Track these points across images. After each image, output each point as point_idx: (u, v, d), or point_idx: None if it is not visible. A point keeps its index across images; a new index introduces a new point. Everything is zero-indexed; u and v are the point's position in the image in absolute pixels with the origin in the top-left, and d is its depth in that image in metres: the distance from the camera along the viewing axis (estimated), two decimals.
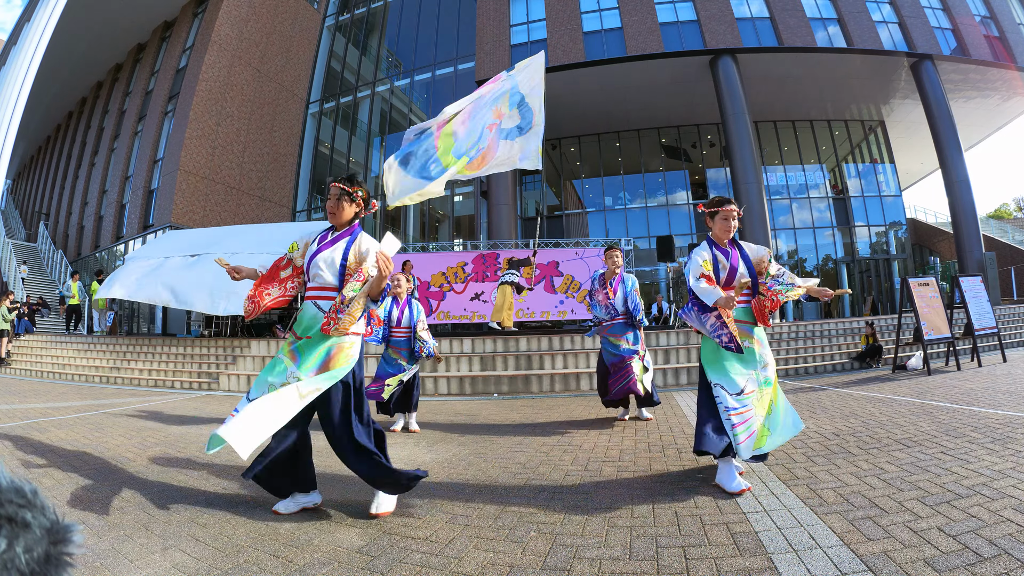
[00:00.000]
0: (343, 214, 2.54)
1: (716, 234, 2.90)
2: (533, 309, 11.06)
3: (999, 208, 47.40)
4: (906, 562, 1.73)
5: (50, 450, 3.80)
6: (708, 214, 2.94)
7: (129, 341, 10.88)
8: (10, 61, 20.32)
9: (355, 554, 2.02)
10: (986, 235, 18.62)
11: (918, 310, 7.43)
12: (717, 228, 2.88)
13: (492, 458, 3.50)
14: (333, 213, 2.53)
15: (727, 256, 2.86)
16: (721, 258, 2.85)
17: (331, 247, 2.50)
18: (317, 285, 2.51)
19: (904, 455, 3.04)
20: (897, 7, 16.34)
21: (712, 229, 2.93)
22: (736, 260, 2.86)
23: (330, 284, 2.49)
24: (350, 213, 2.56)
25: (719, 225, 2.87)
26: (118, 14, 20.33)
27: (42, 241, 23.33)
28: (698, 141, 19.19)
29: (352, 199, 2.55)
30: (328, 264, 2.47)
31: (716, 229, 2.89)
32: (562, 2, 16.53)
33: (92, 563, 1.93)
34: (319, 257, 2.48)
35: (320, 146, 21.13)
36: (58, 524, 0.57)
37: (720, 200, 2.90)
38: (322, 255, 2.48)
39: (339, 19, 22.42)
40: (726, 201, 2.88)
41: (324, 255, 2.48)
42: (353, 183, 2.55)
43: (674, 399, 5.80)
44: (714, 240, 2.91)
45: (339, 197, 2.52)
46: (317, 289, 2.51)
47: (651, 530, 2.15)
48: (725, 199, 2.90)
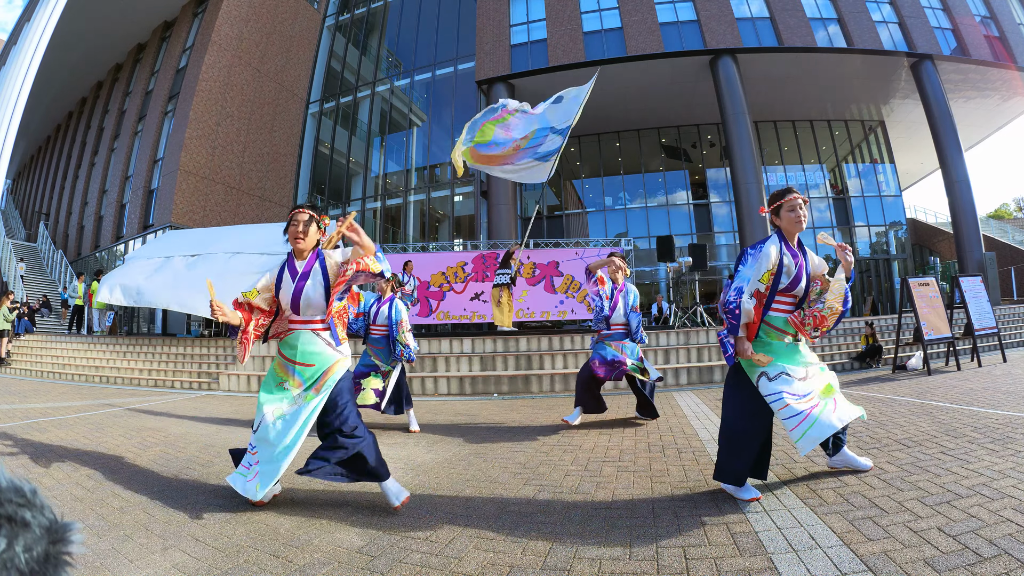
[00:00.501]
0: (310, 240, 2.57)
1: (787, 229, 2.61)
2: (533, 309, 11.06)
3: (999, 208, 47.42)
4: (906, 562, 1.73)
5: (50, 450, 3.80)
6: (772, 211, 2.67)
7: (129, 341, 10.88)
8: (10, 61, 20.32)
9: (355, 554, 2.02)
10: (986, 235, 18.62)
11: (918, 310, 7.43)
12: (786, 223, 2.60)
13: (492, 458, 3.50)
14: (301, 239, 2.53)
15: (795, 260, 2.58)
16: (789, 261, 2.56)
17: (308, 279, 2.52)
18: (307, 318, 2.57)
19: (904, 455, 3.04)
20: (897, 7, 16.34)
21: (779, 225, 2.64)
22: (802, 271, 2.58)
23: (320, 315, 2.58)
24: (315, 238, 2.59)
25: (787, 219, 2.59)
26: (118, 14, 20.33)
27: (42, 241, 23.34)
28: (698, 141, 19.19)
29: (319, 225, 2.60)
30: (316, 296, 2.53)
31: (784, 224, 2.61)
32: (562, 2, 16.53)
33: (92, 563, 1.93)
34: (304, 295, 2.52)
35: (320, 146, 21.13)
36: (58, 523, 0.57)
37: (781, 191, 2.64)
38: (305, 291, 2.52)
39: (339, 19, 22.42)
40: (788, 191, 2.62)
41: (308, 290, 2.52)
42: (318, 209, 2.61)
43: (674, 399, 5.80)
44: (784, 236, 2.63)
45: (308, 223, 2.54)
46: (306, 322, 2.58)
47: (651, 530, 2.15)
48: (787, 189, 2.63)
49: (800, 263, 2.58)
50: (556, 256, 11.23)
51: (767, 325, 2.59)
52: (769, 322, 2.58)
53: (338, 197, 20.29)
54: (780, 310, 2.60)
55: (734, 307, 2.46)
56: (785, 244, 2.60)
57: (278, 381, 2.58)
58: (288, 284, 2.53)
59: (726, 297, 2.51)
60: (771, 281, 2.55)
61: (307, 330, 2.56)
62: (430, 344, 8.24)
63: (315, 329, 2.57)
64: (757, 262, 2.52)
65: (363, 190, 19.81)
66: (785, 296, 2.60)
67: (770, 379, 2.47)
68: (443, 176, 18.81)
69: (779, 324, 2.59)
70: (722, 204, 18.37)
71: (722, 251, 18.20)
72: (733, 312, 2.47)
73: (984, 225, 19.63)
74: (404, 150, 19.71)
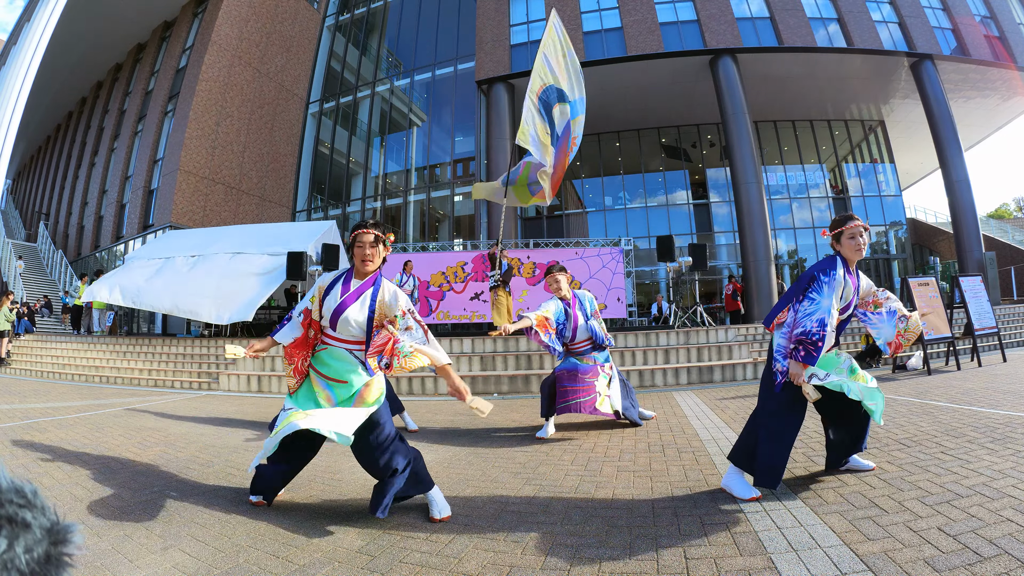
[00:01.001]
0: (376, 261, 2.39)
1: (847, 255, 2.63)
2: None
3: (999, 208, 47.44)
4: (906, 562, 1.73)
5: (50, 450, 3.80)
6: (833, 236, 2.68)
7: (129, 341, 10.88)
8: (10, 61, 20.32)
9: (355, 554, 2.02)
10: (986, 235, 18.62)
11: (918, 310, 7.43)
12: (846, 249, 2.62)
13: (492, 458, 3.50)
14: (369, 261, 2.37)
15: (855, 288, 2.63)
16: (850, 287, 2.60)
17: (357, 300, 2.36)
18: (344, 337, 2.42)
19: (904, 455, 3.04)
20: (897, 7, 16.35)
21: (840, 251, 2.65)
22: (853, 294, 2.64)
23: (359, 338, 2.41)
24: (381, 259, 2.42)
25: (847, 245, 2.61)
26: (118, 14, 20.34)
27: (42, 241, 23.36)
28: (698, 141, 19.19)
29: (385, 244, 2.42)
30: (356, 321, 2.36)
31: (845, 250, 2.62)
32: (562, 2, 16.53)
33: (92, 563, 1.93)
34: (348, 313, 2.35)
35: (320, 146, 21.13)
36: (58, 524, 0.57)
37: (844, 218, 2.65)
38: (350, 310, 2.35)
39: (339, 19, 22.42)
40: (850, 218, 2.63)
41: (352, 311, 2.35)
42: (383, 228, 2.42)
43: (674, 399, 5.80)
44: (845, 261, 2.64)
45: (375, 243, 2.36)
46: (344, 341, 2.43)
47: (651, 530, 2.15)
48: (849, 215, 2.65)
49: (855, 287, 2.65)
50: (556, 256, 11.23)
51: None
52: None
53: (338, 197, 20.30)
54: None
55: (818, 339, 2.42)
56: (846, 269, 2.62)
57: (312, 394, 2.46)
58: (335, 297, 2.39)
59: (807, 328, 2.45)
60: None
61: (341, 348, 2.43)
62: None
63: (350, 349, 2.43)
64: (834, 290, 2.51)
65: (363, 190, 19.81)
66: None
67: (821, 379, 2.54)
68: (443, 176, 18.82)
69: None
70: (722, 204, 18.37)
71: (722, 251, 18.20)
72: (816, 345, 2.42)
73: (984, 225, 19.63)
74: (404, 150, 19.71)
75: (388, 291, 2.38)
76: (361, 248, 2.36)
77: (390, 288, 2.40)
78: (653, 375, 7.04)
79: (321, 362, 2.45)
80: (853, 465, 2.80)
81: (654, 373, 7.06)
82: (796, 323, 2.52)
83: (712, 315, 11.89)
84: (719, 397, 5.76)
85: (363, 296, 2.37)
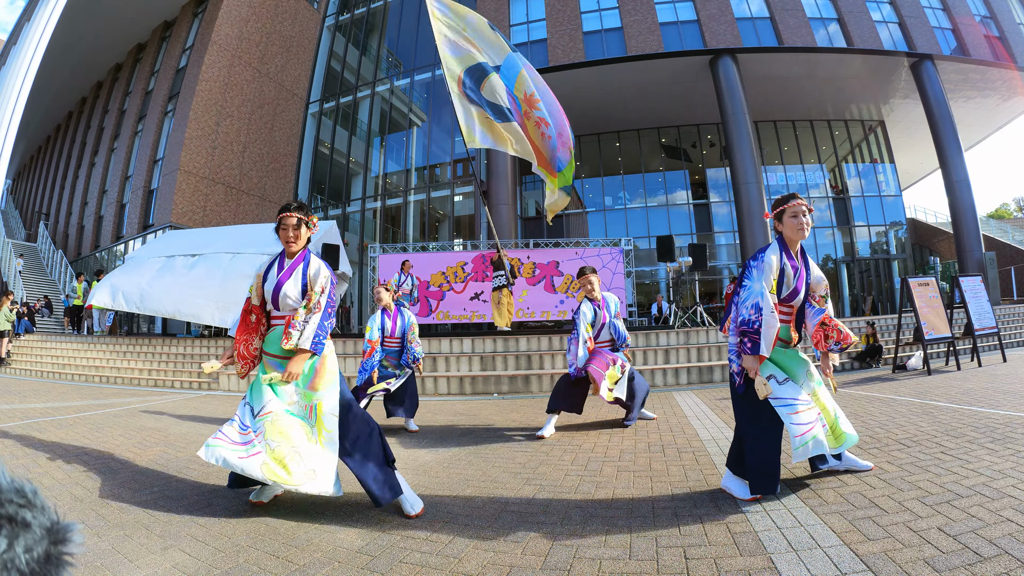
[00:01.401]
0: (301, 241, 2.63)
1: (788, 236, 2.53)
2: (533, 309, 11.06)
3: (999, 208, 47.46)
4: (906, 562, 1.73)
5: (50, 450, 3.80)
6: (775, 216, 2.59)
7: (129, 341, 10.88)
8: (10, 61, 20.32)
9: (355, 554, 2.02)
10: (986, 235, 18.63)
11: (918, 310, 7.43)
12: (788, 230, 2.52)
13: (492, 458, 3.50)
14: (293, 242, 2.60)
15: (796, 271, 2.51)
16: (789, 271, 2.49)
17: (291, 276, 2.58)
18: (286, 314, 2.60)
19: (904, 455, 3.04)
20: (897, 7, 16.35)
21: (783, 231, 2.55)
22: (801, 281, 2.52)
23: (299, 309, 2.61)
24: (305, 239, 2.65)
25: (789, 225, 2.51)
26: (118, 14, 20.34)
27: (42, 241, 23.35)
28: (698, 141, 19.19)
29: (308, 226, 2.65)
30: (293, 296, 2.57)
31: (787, 231, 2.53)
32: (562, 2, 16.54)
33: (92, 563, 1.93)
34: (285, 288, 2.56)
35: (320, 146, 21.13)
36: (58, 524, 0.58)
37: (786, 197, 2.55)
38: (286, 287, 2.56)
39: (339, 19, 22.42)
40: (791, 196, 2.53)
41: (288, 287, 2.56)
42: (306, 211, 2.66)
43: (674, 399, 5.80)
44: (785, 244, 2.54)
45: (297, 225, 2.60)
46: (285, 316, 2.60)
47: (651, 530, 2.15)
48: (792, 194, 2.55)
49: (800, 273, 2.52)
50: (556, 256, 11.23)
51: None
52: None
53: (338, 197, 20.29)
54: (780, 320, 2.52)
55: (757, 325, 2.35)
56: (786, 252, 2.52)
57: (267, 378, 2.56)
58: (273, 278, 2.61)
59: (744, 316, 2.39)
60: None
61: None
62: (430, 344, 8.24)
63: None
64: (763, 273, 2.44)
65: (363, 190, 19.80)
66: (783, 307, 2.53)
67: (780, 382, 2.47)
68: (443, 176, 18.82)
69: (781, 334, 2.54)
70: (722, 204, 18.37)
71: (722, 251, 18.20)
72: (756, 331, 2.35)
73: (984, 225, 19.64)
74: (404, 150, 19.71)
75: (314, 266, 2.60)
76: (285, 231, 2.60)
77: (315, 263, 2.62)
78: (653, 375, 7.04)
79: (270, 343, 2.62)
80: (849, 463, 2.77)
81: (654, 373, 7.06)
82: (737, 315, 2.47)
83: (712, 315, 11.90)
84: (719, 397, 5.76)
85: (295, 272, 2.59)
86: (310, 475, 2.35)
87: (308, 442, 2.43)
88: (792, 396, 2.43)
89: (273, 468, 2.33)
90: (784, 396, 2.43)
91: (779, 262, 2.47)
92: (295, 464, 2.35)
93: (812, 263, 2.63)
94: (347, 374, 7.43)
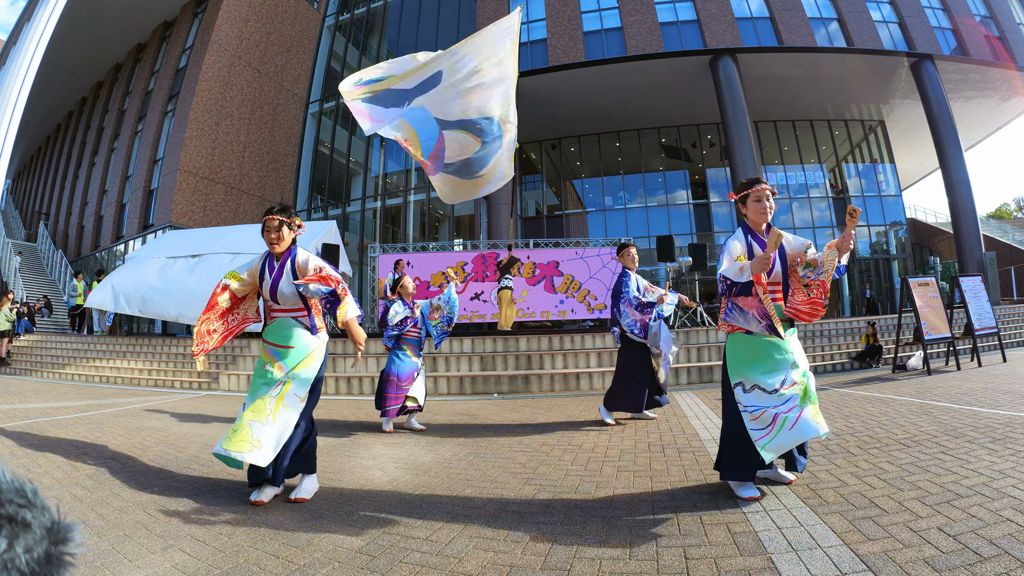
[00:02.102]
0: (284, 242, 2.80)
1: (752, 219, 2.62)
2: (533, 309, 11.06)
3: (999, 208, 47.44)
4: (906, 562, 1.73)
5: (50, 450, 3.80)
6: (739, 200, 2.67)
7: (129, 341, 10.88)
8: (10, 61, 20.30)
9: (355, 554, 2.02)
10: (986, 235, 18.61)
11: (918, 310, 7.43)
12: (751, 213, 2.61)
13: (492, 458, 3.50)
14: (276, 244, 2.78)
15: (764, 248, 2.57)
16: (757, 249, 2.57)
17: (284, 274, 2.79)
18: (286, 307, 2.83)
19: (904, 455, 3.04)
20: (897, 7, 16.34)
21: (747, 215, 2.65)
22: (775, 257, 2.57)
23: (297, 305, 2.83)
24: (289, 239, 2.82)
25: (752, 209, 2.60)
26: (118, 14, 20.32)
27: (42, 241, 23.33)
28: (698, 141, 19.18)
29: (291, 227, 2.81)
30: (289, 290, 2.78)
31: (750, 214, 2.62)
32: (562, 2, 16.53)
33: (92, 563, 1.93)
34: (281, 286, 2.78)
35: (320, 146, 21.12)
36: (59, 524, 0.57)
37: (749, 181, 2.64)
38: (282, 284, 2.78)
39: (339, 19, 22.41)
40: (755, 181, 2.62)
41: (283, 283, 2.78)
42: (289, 212, 2.83)
43: (674, 399, 5.80)
44: (750, 227, 2.63)
45: (279, 227, 2.76)
46: (286, 310, 2.84)
47: (651, 530, 2.15)
48: (754, 179, 2.63)
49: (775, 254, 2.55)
50: (556, 256, 11.23)
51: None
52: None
53: (338, 197, 20.29)
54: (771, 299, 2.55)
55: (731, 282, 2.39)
56: (752, 235, 2.59)
57: (263, 364, 2.79)
58: (268, 278, 2.81)
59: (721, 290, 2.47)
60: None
61: (287, 317, 2.83)
62: (430, 344, 8.24)
63: (295, 316, 2.83)
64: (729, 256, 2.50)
65: (363, 190, 19.80)
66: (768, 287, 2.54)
67: (746, 390, 2.51)
68: None
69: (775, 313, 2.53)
70: (722, 204, 18.36)
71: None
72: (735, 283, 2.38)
73: (984, 225, 19.63)
74: (404, 150, 19.68)
75: (301, 257, 2.80)
76: (269, 232, 2.77)
77: (303, 254, 2.81)
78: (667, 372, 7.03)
79: (272, 333, 2.84)
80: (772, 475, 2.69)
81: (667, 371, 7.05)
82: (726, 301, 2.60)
83: (712, 315, 11.89)
84: (719, 397, 5.75)
85: (285, 269, 2.80)
86: (256, 445, 2.52)
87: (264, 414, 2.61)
88: (755, 404, 2.47)
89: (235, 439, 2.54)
90: (747, 404, 2.49)
91: (743, 246, 2.55)
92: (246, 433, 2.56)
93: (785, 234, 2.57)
94: (346, 374, 7.43)
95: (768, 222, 2.61)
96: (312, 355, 2.79)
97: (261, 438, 2.53)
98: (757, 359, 2.52)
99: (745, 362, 2.55)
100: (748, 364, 2.54)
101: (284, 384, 2.68)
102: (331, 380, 7.22)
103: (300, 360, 2.74)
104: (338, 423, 5.03)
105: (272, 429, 2.57)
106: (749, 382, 2.51)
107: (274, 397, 2.64)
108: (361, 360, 2.72)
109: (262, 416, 2.58)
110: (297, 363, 2.73)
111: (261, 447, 2.51)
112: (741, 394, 2.51)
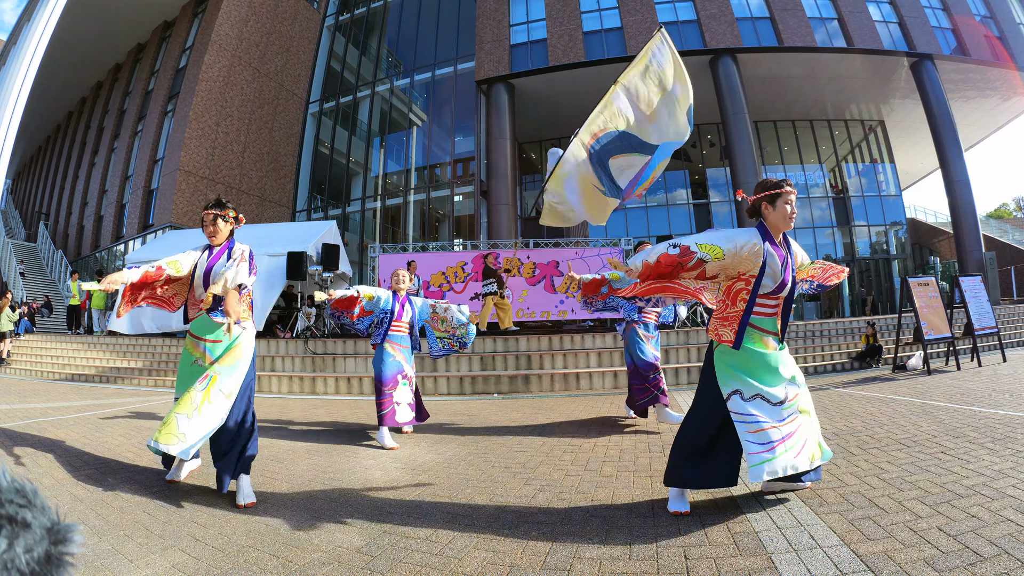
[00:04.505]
0: (221, 235, 2.91)
1: (773, 223, 2.30)
2: (533, 309, 11.05)
3: (999, 208, 47.44)
4: (906, 562, 1.73)
5: (50, 450, 3.80)
6: (766, 199, 2.30)
7: (129, 341, 10.87)
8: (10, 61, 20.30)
9: (355, 554, 2.02)
10: (986, 235, 18.62)
11: (918, 310, 7.43)
12: (777, 216, 2.28)
13: (492, 458, 3.50)
14: (213, 236, 2.89)
15: (783, 261, 2.27)
16: (777, 261, 2.25)
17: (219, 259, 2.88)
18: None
19: (904, 455, 3.04)
20: (897, 7, 16.35)
21: (768, 218, 2.31)
22: (789, 271, 2.30)
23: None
24: (226, 231, 2.93)
25: (780, 212, 2.27)
26: (118, 14, 20.34)
27: (42, 241, 23.34)
28: (698, 141, 19.19)
29: (225, 220, 2.92)
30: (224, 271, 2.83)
31: (775, 218, 2.28)
32: (562, 2, 16.53)
33: (92, 563, 1.93)
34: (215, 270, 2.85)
35: (320, 146, 21.13)
36: (59, 524, 0.57)
37: (779, 181, 2.31)
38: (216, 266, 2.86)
39: (339, 19, 22.42)
40: (785, 182, 2.30)
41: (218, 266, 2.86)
42: (223, 206, 2.92)
43: (674, 399, 5.79)
44: (768, 231, 2.30)
45: (214, 221, 2.87)
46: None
47: (651, 530, 2.15)
48: (784, 180, 2.31)
49: (788, 262, 2.30)
50: (556, 256, 11.23)
51: (752, 328, 2.31)
52: (755, 324, 2.31)
53: (338, 197, 20.29)
54: (765, 313, 2.32)
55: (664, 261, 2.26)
56: (770, 240, 2.28)
57: (191, 360, 2.85)
58: (203, 264, 2.89)
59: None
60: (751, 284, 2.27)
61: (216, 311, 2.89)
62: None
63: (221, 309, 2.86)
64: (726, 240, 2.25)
65: (363, 190, 19.80)
66: (769, 299, 2.31)
67: (744, 399, 2.25)
68: (443, 176, 18.82)
69: (767, 326, 2.33)
70: (722, 204, 18.37)
71: None
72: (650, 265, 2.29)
73: (984, 225, 19.63)
74: (404, 150, 19.70)
75: (237, 249, 2.91)
76: (206, 226, 2.91)
77: (239, 247, 2.93)
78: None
79: (197, 326, 2.91)
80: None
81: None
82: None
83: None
84: None
85: (222, 257, 2.88)
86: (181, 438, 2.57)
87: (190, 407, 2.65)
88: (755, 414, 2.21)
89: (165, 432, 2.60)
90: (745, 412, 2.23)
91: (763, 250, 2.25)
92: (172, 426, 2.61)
93: (795, 246, 2.45)
94: (347, 373, 7.43)
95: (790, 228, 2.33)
96: (237, 346, 2.83)
97: (186, 431, 2.59)
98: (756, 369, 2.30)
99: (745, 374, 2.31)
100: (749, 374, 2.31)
101: (210, 378, 2.73)
102: (331, 380, 7.22)
103: (225, 352, 2.80)
104: (338, 423, 5.03)
105: (197, 423, 2.63)
106: (751, 390, 2.26)
107: (200, 391, 2.70)
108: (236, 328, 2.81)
109: (188, 410, 2.64)
110: (222, 355, 2.80)
111: (185, 440, 2.58)
112: (739, 403, 2.25)
